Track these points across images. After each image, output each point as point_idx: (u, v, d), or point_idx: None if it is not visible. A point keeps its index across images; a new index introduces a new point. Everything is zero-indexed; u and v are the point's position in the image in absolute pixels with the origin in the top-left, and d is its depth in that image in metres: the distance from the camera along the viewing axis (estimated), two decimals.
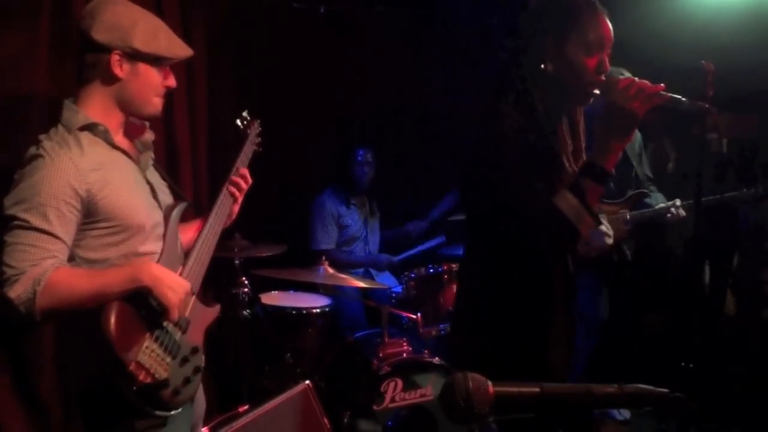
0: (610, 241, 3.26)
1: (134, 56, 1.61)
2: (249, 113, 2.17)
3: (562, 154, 1.70)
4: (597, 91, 1.65)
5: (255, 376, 3.07)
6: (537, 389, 0.89)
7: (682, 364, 2.26)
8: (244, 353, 2.99)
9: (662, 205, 3.43)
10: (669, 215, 3.40)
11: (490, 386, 0.87)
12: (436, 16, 4.03)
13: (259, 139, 2.16)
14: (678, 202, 3.43)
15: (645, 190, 3.46)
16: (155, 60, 1.65)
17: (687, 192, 3.59)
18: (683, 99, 1.62)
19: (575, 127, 1.78)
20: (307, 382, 2.59)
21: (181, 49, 1.71)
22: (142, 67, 1.63)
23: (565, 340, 1.77)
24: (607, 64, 1.65)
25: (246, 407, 2.61)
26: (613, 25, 1.68)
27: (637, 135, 3.58)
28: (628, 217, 3.41)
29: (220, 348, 2.98)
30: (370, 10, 3.95)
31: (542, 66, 1.63)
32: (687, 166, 3.91)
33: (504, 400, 0.87)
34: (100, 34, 1.58)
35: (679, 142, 4.09)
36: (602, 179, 1.61)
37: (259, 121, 2.17)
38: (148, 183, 1.73)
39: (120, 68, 1.61)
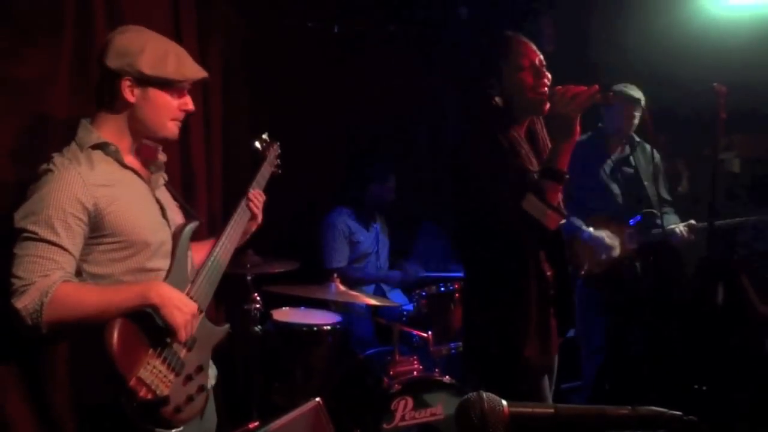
0: (616, 252, 3.29)
1: (143, 81, 1.64)
2: (269, 136, 2.19)
3: (526, 163, 1.99)
4: (546, 104, 1.95)
5: (265, 392, 3.07)
6: (551, 410, 0.89)
7: (695, 386, 2.24)
8: (255, 369, 2.99)
9: (671, 226, 3.42)
10: (675, 237, 3.39)
11: (505, 407, 0.88)
12: (449, 34, 4.08)
13: (278, 161, 2.18)
14: (692, 223, 3.41)
15: (654, 210, 3.46)
16: (164, 84, 1.66)
17: (699, 212, 3.58)
18: (611, 93, 1.90)
19: (535, 135, 2.08)
20: (318, 399, 2.59)
21: (191, 72, 1.71)
22: (153, 92, 1.66)
23: (541, 334, 2.00)
24: (542, 80, 1.96)
25: (256, 424, 2.60)
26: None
27: (656, 156, 3.57)
28: (632, 235, 3.40)
29: (230, 364, 2.98)
30: (383, 29, 3.99)
31: (494, 100, 1.98)
32: (700, 185, 3.90)
33: (519, 421, 0.88)
34: (111, 61, 1.62)
35: (692, 161, 4.08)
36: (559, 178, 1.89)
37: (278, 143, 2.19)
38: (158, 202, 1.75)
39: (131, 93, 1.64)
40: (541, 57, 2.01)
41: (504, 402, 0.89)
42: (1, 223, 2.02)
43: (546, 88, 1.96)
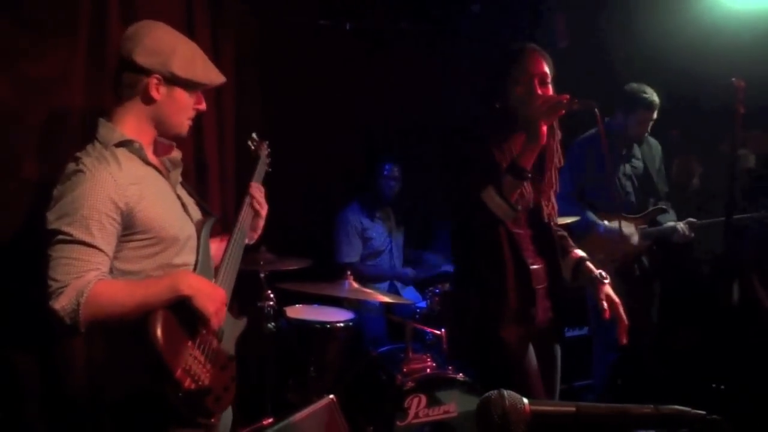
0: (635, 239, 3.30)
1: (172, 81, 1.67)
2: (257, 134, 2.22)
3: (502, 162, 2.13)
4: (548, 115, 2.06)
5: (278, 389, 3.08)
6: (573, 408, 0.88)
7: (713, 385, 2.22)
8: (268, 366, 3.00)
9: (670, 224, 3.40)
10: (676, 234, 3.37)
11: (527, 404, 0.88)
12: (461, 31, 4.06)
13: (269, 159, 2.20)
14: (691, 220, 3.38)
15: (663, 206, 3.44)
16: (191, 85, 1.72)
17: (710, 208, 3.55)
18: (576, 101, 2.00)
19: (546, 148, 2.16)
20: (332, 396, 2.60)
21: (216, 76, 1.78)
22: (178, 92, 1.70)
23: (519, 318, 2.12)
24: (543, 91, 2.08)
25: (270, 420, 2.61)
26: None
27: (658, 149, 3.54)
28: (645, 232, 3.38)
29: (244, 360, 2.99)
30: (395, 25, 3.99)
31: (495, 105, 2.13)
32: (712, 181, 3.87)
33: (540, 419, 0.87)
34: (141, 58, 1.64)
35: (706, 157, 4.04)
36: (520, 175, 2.02)
37: (267, 142, 2.22)
38: (179, 198, 1.78)
39: (157, 91, 1.67)
40: (547, 69, 2.12)
41: (525, 400, 0.89)
42: (24, 219, 2.07)
43: (543, 100, 2.04)
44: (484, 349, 2.15)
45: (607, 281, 2.23)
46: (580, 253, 2.34)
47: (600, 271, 2.26)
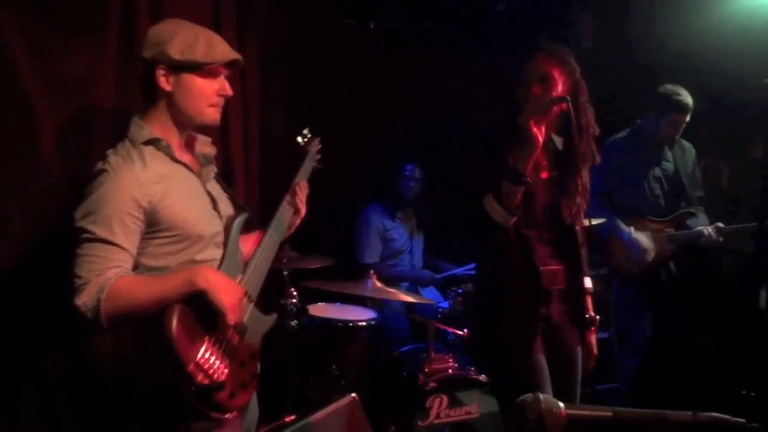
0: (650, 257, 3.26)
1: (175, 67, 1.65)
2: (310, 131, 2.21)
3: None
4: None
5: (300, 386, 3.09)
6: (610, 413, 0.87)
7: (743, 392, 2.18)
8: (290, 363, 3.01)
9: (699, 228, 3.34)
10: (703, 239, 3.31)
11: (563, 409, 0.86)
12: (486, 31, 4.04)
13: (319, 156, 2.20)
14: (720, 225, 3.33)
15: (692, 210, 3.38)
16: (194, 67, 1.67)
17: (737, 211, 3.49)
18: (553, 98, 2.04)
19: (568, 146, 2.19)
20: (354, 395, 2.60)
21: (220, 54, 1.69)
22: (186, 77, 1.67)
23: (526, 319, 2.13)
24: (533, 90, 2.08)
25: (293, 417, 2.62)
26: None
27: (692, 152, 3.50)
28: (670, 236, 3.34)
29: (266, 358, 3.00)
30: (419, 25, 3.98)
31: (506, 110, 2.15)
32: (740, 184, 3.80)
33: (576, 424, 0.86)
34: (146, 51, 1.66)
35: (733, 160, 3.98)
36: (517, 180, 2.04)
37: (319, 138, 2.21)
38: (209, 194, 1.78)
39: (166, 82, 1.66)
40: (550, 68, 2.09)
41: (561, 404, 0.88)
42: (53, 217, 2.09)
43: (531, 101, 2.06)
44: (489, 347, 2.22)
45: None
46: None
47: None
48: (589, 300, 2.31)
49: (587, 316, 2.25)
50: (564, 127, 2.19)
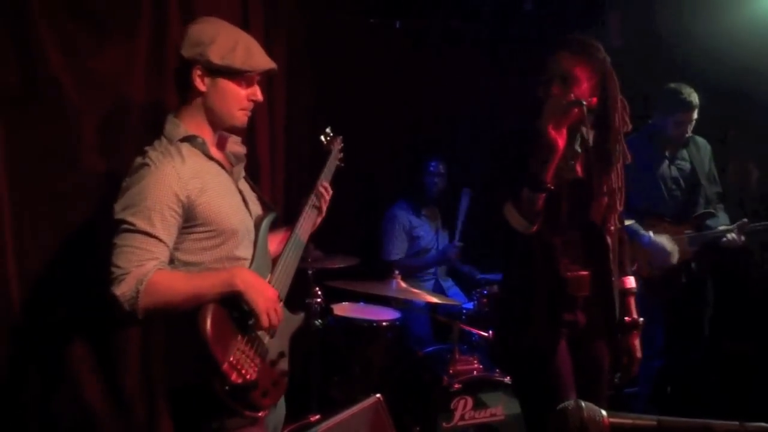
0: (674, 259, 3.19)
1: (213, 70, 1.67)
2: (332, 129, 2.21)
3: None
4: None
5: (323, 385, 3.09)
6: (654, 422, 0.85)
7: None
8: (314, 362, 3.02)
9: (721, 228, 3.27)
10: (724, 239, 3.23)
11: (605, 417, 0.85)
12: (511, 30, 4.01)
13: (342, 154, 2.20)
14: (745, 221, 3.24)
15: (711, 211, 3.32)
16: (232, 73, 1.69)
17: (765, 213, 3.42)
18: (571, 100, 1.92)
19: (574, 133, 2.04)
20: (378, 395, 2.59)
21: (258, 63, 1.72)
22: (222, 82, 1.69)
23: (549, 324, 2.05)
24: (554, 91, 1.96)
25: (318, 417, 2.63)
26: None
27: (707, 149, 3.41)
28: (691, 238, 3.28)
29: (291, 357, 3.01)
30: (445, 24, 3.96)
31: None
32: None
33: None
34: (185, 50, 1.67)
35: (763, 161, 3.90)
36: (536, 187, 1.93)
37: (341, 137, 2.21)
38: (240, 193, 1.79)
39: (202, 82, 1.68)
40: (572, 66, 1.95)
41: (603, 412, 0.86)
42: (85, 211, 2.12)
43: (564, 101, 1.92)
44: (512, 353, 2.15)
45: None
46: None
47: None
48: (631, 301, 2.20)
49: (630, 319, 2.15)
50: (597, 122, 2.05)
